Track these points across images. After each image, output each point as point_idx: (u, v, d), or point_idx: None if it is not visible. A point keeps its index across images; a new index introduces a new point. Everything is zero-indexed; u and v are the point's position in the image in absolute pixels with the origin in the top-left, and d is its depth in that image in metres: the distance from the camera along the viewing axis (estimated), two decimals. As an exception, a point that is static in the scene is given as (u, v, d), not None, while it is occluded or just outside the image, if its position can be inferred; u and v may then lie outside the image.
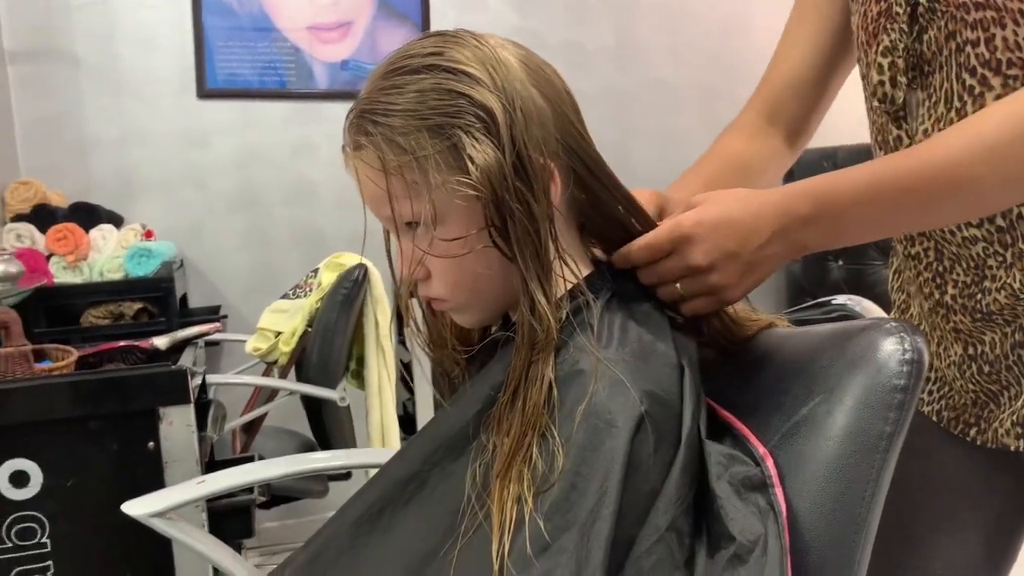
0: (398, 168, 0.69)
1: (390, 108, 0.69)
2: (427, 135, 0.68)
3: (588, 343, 0.69)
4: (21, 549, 1.37)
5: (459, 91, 0.68)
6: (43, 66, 2.59)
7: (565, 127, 0.72)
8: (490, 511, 0.65)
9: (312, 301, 2.11)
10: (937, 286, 0.91)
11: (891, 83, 0.88)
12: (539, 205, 0.68)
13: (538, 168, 0.69)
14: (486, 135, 0.67)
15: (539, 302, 0.68)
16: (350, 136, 0.72)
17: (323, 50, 2.84)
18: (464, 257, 0.70)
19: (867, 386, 0.66)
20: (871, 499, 0.65)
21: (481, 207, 0.68)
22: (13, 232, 2.33)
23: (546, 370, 0.68)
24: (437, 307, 0.77)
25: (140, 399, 1.39)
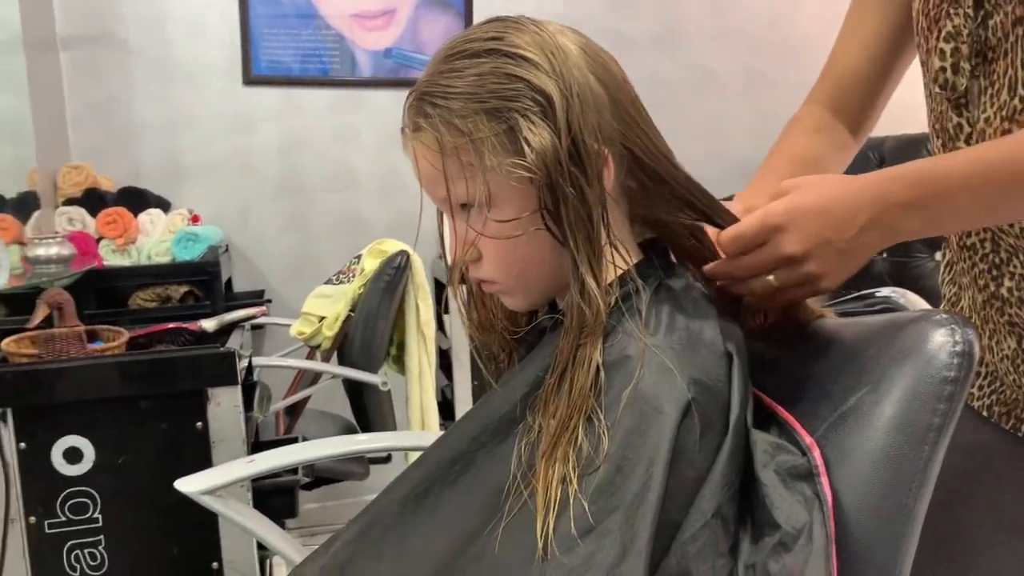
0: (455, 149, 0.70)
1: (449, 91, 0.70)
2: (484, 118, 0.69)
3: (636, 329, 0.70)
4: (74, 523, 1.41)
5: (518, 75, 0.69)
6: (94, 52, 2.64)
7: (621, 115, 0.72)
8: (535, 491, 0.66)
9: (355, 287, 2.13)
10: (993, 278, 0.89)
11: (953, 70, 0.86)
12: (592, 190, 0.69)
13: (592, 153, 0.69)
14: (543, 119, 0.68)
15: (589, 285, 0.69)
16: (409, 117, 0.73)
17: (366, 38, 2.86)
18: (516, 240, 0.71)
19: (916, 377, 0.65)
20: (918, 490, 0.64)
21: (535, 190, 0.69)
22: (65, 215, 2.38)
23: (594, 353, 0.68)
24: (487, 289, 0.78)
25: (189, 380, 1.43)
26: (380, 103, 2.86)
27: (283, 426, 2.14)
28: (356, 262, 2.22)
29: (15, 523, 1.37)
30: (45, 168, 2.40)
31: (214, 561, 1.45)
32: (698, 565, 0.65)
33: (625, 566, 0.61)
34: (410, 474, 0.77)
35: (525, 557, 0.64)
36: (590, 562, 0.62)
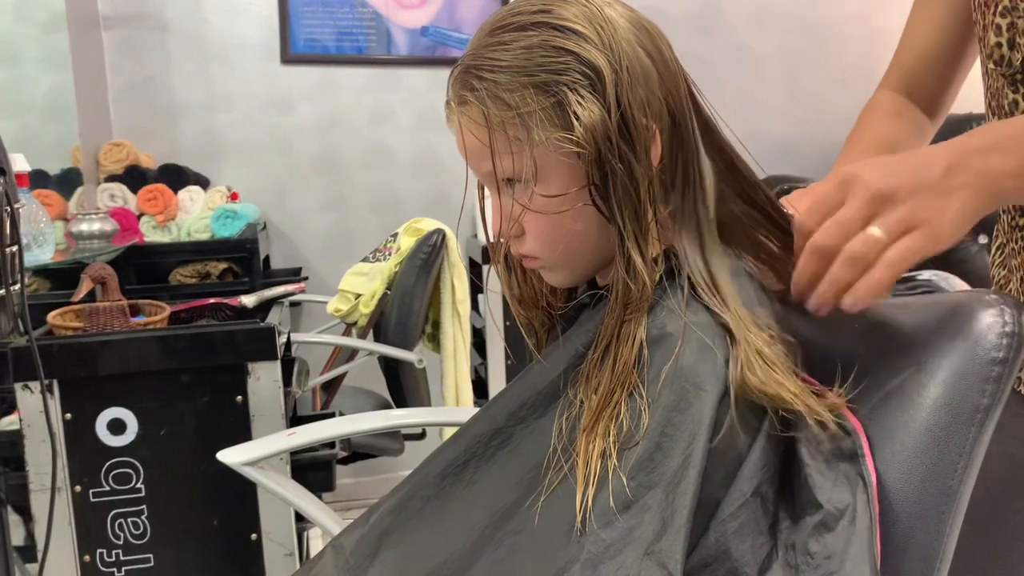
0: (501, 124, 0.69)
1: (496, 64, 0.69)
2: (532, 91, 0.68)
3: (678, 307, 0.69)
4: (117, 493, 1.44)
5: (566, 48, 0.68)
6: (135, 31, 2.67)
7: (670, 90, 0.71)
8: (575, 464, 0.66)
9: (391, 265, 2.15)
10: None
11: (1009, 45, 0.84)
12: (641, 165, 0.68)
13: (641, 128, 0.68)
14: (592, 92, 0.67)
15: (635, 262, 0.68)
16: (454, 91, 0.72)
17: (403, 16, 2.85)
18: (561, 215, 0.71)
19: (964, 358, 0.65)
20: (964, 472, 0.64)
21: (583, 165, 0.68)
22: (107, 192, 2.42)
23: (638, 329, 0.68)
24: (528, 265, 0.78)
25: (230, 354, 1.45)
26: (416, 82, 2.86)
27: (320, 402, 2.16)
28: (392, 240, 2.23)
29: (61, 492, 1.40)
30: (88, 145, 2.43)
31: (252, 532, 1.48)
32: (737, 543, 0.65)
33: (665, 542, 0.61)
34: (448, 448, 0.77)
35: (564, 531, 0.65)
36: (629, 537, 0.62)
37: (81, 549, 1.44)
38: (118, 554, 1.45)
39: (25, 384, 1.37)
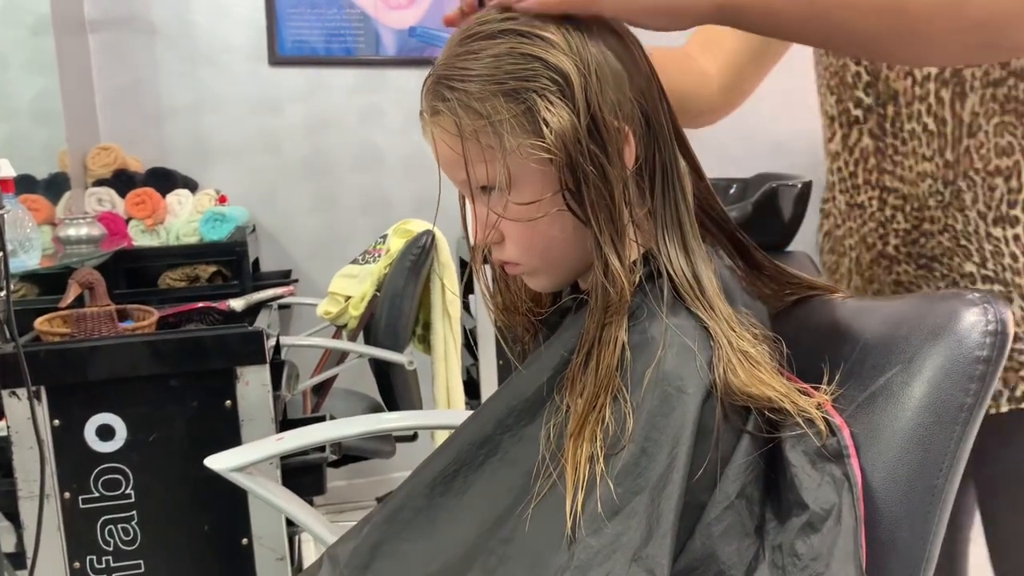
0: (474, 132, 0.69)
1: (466, 74, 0.69)
2: (502, 99, 0.68)
3: (659, 309, 0.69)
4: (107, 499, 1.43)
5: (534, 55, 0.68)
6: (121, 34, 2.66)
7: (642, 90, 0.71)
8: (563, 470, 0.66)
9: (381, 266, 2.14)
10: (880, 236, 0.91)
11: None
12: (613, 168, 0.68)
13: (612, 130, 0.68)
14: (561, 98, 0.67)
15: (613, 265, 0.68)
16: (427, 102, 0.73)
17: (391, 16, 2.85)
18: (538, 221, 0.71)
19: (948, 357, 0.65)
20: (949, 470, 0.64)
21: (555, 171, 0.68)
22: (95, 196, 2.41)
23: (619, 332, 0.68)
24: (510, 271, 0.78)
25: (218, 359, 1.44)
26: (405, 82, 2.86)
27: (310, 405, 2.16)
28: (382, 242, 2.22)
29: (50, 498, 1.40)
30: (75, 149, 2.42)
31: (244, 537, 1.47)
32: (723, 546, 0.65)
33: (651, 547, 0.62)
34: (438, 457, 0.77)
35: (554, 538, 0.65)
36: (616, 543, 0.62)
37: (71, 556, 1.43)
38: (108, 560, 1.44)
39: (12, 391, 1.36)
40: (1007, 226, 0.81)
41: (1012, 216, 0.81)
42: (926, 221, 0.87)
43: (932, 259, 0.87)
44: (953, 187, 0.84)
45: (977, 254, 0.83)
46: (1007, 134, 0.80)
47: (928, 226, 0.87)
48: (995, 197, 0.82)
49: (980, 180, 0.82)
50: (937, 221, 0.86)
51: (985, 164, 0.82)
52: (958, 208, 0.84)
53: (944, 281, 0.86)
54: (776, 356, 0.72)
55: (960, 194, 0.83)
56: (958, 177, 0.83)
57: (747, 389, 0.66)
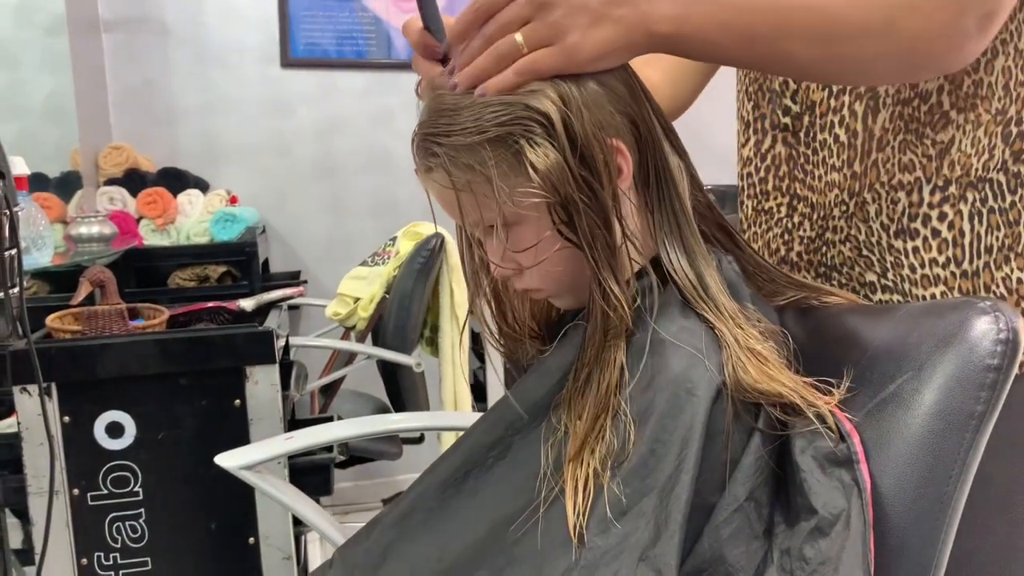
0: (467, 184, 0.70)
1: (450, 128, 0.69)
2: (488, 148, 0.68)
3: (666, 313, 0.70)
4: (116, 496, 1.44)
5: (510, 100, 0.68)
6: (135, 35, 2.68)
7: (625, 100, 0.72)
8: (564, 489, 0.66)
9: (390, 268, 2.15)
10: (784, 242, 0.92)
11: None
12: (604, 190, 0.69)
13: (598, 154, 0.69)
14: (545, 137, 0.67)
15: (611, 289, 0.69)
16: (419, 159, 0.73)
17: (403, 20, 2.84)
18: (547, 251, 0.71)
19: (959, 364, 0.65)
20: (959, 478, 0.64)
21: (547, 210, 0.69)
22: (106, 195, 2.42)
23: (619, 355, 0.69)
24: (535, 297, 0.79)
25: (228, 358, 1.45)
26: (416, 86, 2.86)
27: (318, 405, 2.17)
28: (391, 244, 2.23)
29: (59, 495, 1.40)
30: (87, 148, 2.44)
31: (250, 536, 1.48)
32: (731, 549, 0.65)
33: (659, 547, 0.62)
34: (448, 458, 0.77)
35: (562, 540, 0.65)
36: (624, 543, 0.63)
37: (79, 552, 1.44)
38: (115, 557, 1.45)
39: (23, 387, 1.37)
40: (907, 238, 0.82)
41: (912, 229, 0.82)
42: (829, 230, 0.88)
43: (832, 268, 0.88)
44: (859, 198, 0.84)
45: (878, 264, 0.84)
46: (909, 151, 0.81)
47: (831, 235, 0.88)
48: (897, 210, 0.82)
49: (884, 193, 0.83)
50: (840, 231, 0.87)
51: (890, 178, 0.82)
52: (862, 219, 0.85)
53: (843, 290, 0.87)
54: (784, 352, 0.72)
55: (864, 206, 0.84)
56: (864, 189, 0.84)
57: (758, 385, 0.66)
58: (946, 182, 0.80)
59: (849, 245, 0.86)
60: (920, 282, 0.82)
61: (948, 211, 0.80)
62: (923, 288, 0.82)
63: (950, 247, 0.81)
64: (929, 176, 0.81)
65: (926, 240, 0.82)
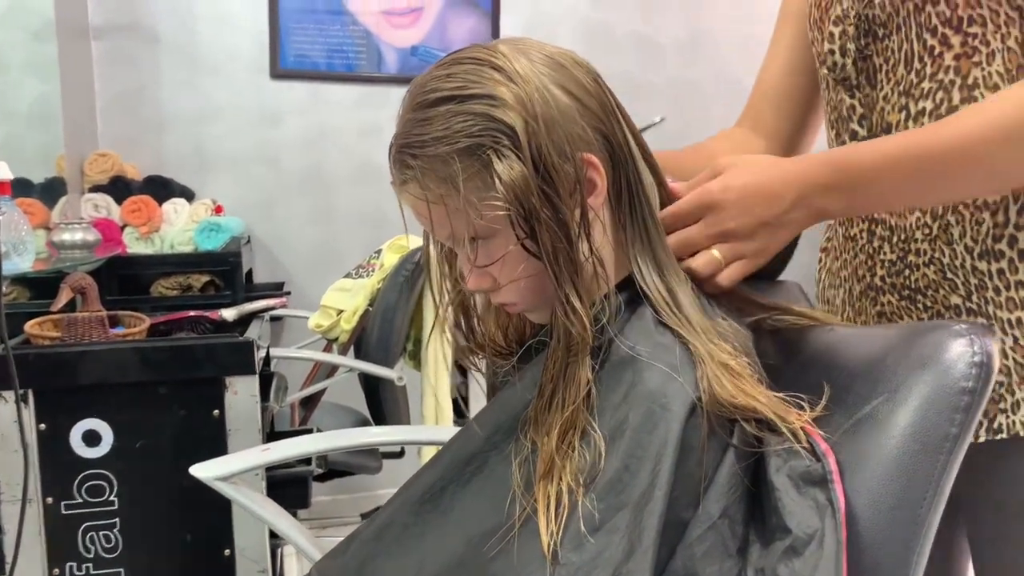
0: (440, 197, 0.71)
1: (422, 140, 0.70)
2: (458, 160, 0.69)
3: (646, 328, 0.71)
4: (90, 505, 1.42)
5: (478, 112, 0.69)
6: (124, 42, 2.68)
7: (597, 115, 0.73)
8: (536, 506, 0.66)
9: (374, 281, 2.15)
10: (868, 268, 0.93)
11: (841, 51, 0.90)
12: (566, 206, 0.69)
13: (562, 170, 0.69)
14: (512, 149, 0.68)
15: (573, 304, 0.69)
16: (395, 172, 0.74)
17: (394, 35, 2.87)
18: (522, 265, 0.72)
19: (933, 387, 0.65)
20: (932, 500, 0.64)
21: (512, 222, 0.69)
22: (91, 202, 2.41)
23: (584, 370, 0.69)
24: (511, 311, 0.79)
25: (208, 368, 1.44)
26: (405, 100, 2.87)
27: (298, 417, 2.15)
28: (376, 257, 2.23)
29: (32, 503, 1.39)
30: (73, 155, 2.43)
31: (226, 548, 1.46)
32: (705, 567, 0.65)
33: (632, 563, 0.62)
34: (425, 473, 0.77)
35: (539, 556, 0.65)
36: (598, 559, 0.63)
37: (51, 562, 1.42)
38: (88, 568, 1.43)
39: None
40: (992, 260, 0.83)
41: (997, 250, 0.82)
42: (911, 253, 0.88)
43: (916, 291, 0.88)
44: (942, 221, 0.85)
45: (963, 287, 0.84)
46: None
47: (914, 258, 0.88)
48: (982, 231, 0.83)
49: (968, 215, 0.83)
50: (923, 254, 0.87)
51: (974, 199, 0.82)
52: (945, 242, 0.85)
53: (928, 313, 0.87)
54: (757, 370, 0.73)
55: (948, 228, 0.84)
56: (947, 211, 0.84)
57: (734, 400, 0.66)
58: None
59: (933, 268, 0.86)
60: (1005, 304, 0.83)
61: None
62: (1008, 311, 0.82)
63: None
64: (1016, 195, 0.82)
65: (1012, 262, 0.82)
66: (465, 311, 0.84)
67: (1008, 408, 0.83)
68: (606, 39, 3.00)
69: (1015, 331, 0.82)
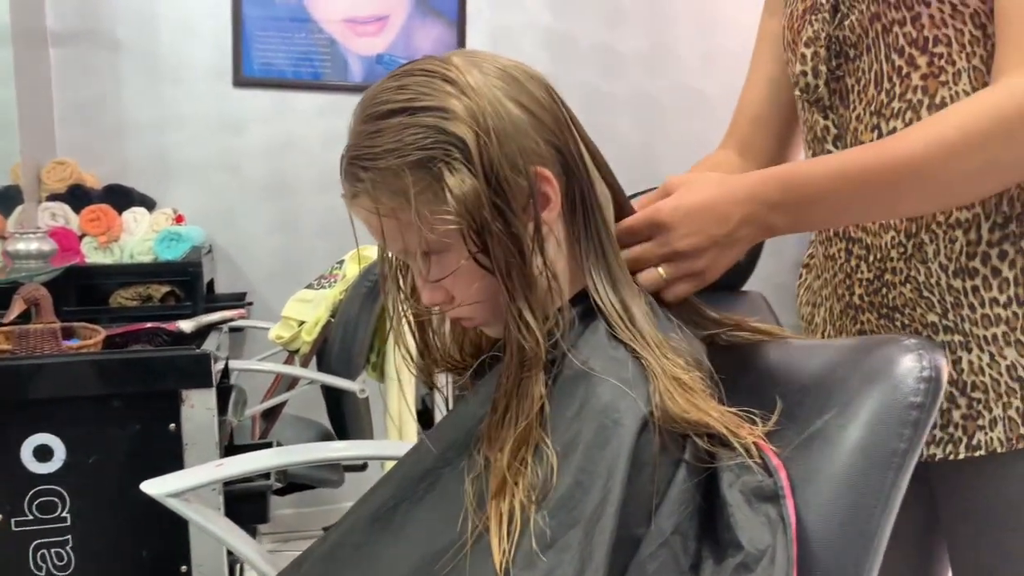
0: (391, 211, 0.70)
1: (373, 152, 0.70)
2: (409, 173, 0.68)
3: (600, 343, 0.70)
4: (42, 522, 1.39)
5: (429, 124, 0.69)
6: (84, 48, 2.64)
7: (551, 129, 0.73)
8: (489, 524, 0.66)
9: (336, 292, 2.13)
10: (847, 287, 0.93)
11: (813, 73, 0.90)
12: (519, 219, 0.69)
13: (515, 184, 0.69)
14: (464, 162, 0.68)
15: (526, 318, 0.69)
16: (346, 185, 0.74)
17: (359, 43, 2.86)
18: (476, 279, 0.72)
19: (883, 402, 0.66)
20: (881, 515, 0.65)
21: (463, 235, 0.69)
22: (48, 211, 2.37)
23: (537, 386, 0.69)
24: (466, 325, 0.79)
25: (163, 380, 1.41)
26: (370, 109, 2.85)
27: (259, 430, 2.13)
28: (339, 267, 2.21)
29: (-19, 520, 1.35)
30: (29, 163, 2.38)
31: (183, 565, 1.43)
32: (658, 584, 0.65)
33: None
34: (378, 491, 0.77)
35: (491, 574, 0.64)
36: None
37: (-1, 580, 1.38)
38: (39, 586, 1.40)
39: (-53, 408, 1.32)
40: (966, 278, 0.83)
41: (971, 268, 0.83)
42: (888, 272, 0.88)
43: (894, 309, 0.89)
44: (916, 239, 0.85)
45: (939, 305, 0.85)
46: None
47: (890, 276, 0.88)
48: (955, 249, 0.83)
49: (942, 233, 0.84)
50: (899, 272, 0.87)
51: (947, 216, 0.83)
52: (920, 260, 0.85)
53: (906, 331, 0.88)
54: (710, 384, 0.73)
55: (923, 246, 0.85)
56: (921, 230, 0.85)
57: (686, 415, 0.66)
58: (1006, 219, 0.82)
59: (910, 286, 0.87)
60: (980, 322, 0.83)
61: (1009, 249, 0.81)
62: (984, 328, 0.82)
63: (1011, 286, 0.81)
64: (988, 212, 0.82)
65: (986, 279, 0.82)
66: (420, 326, 0.83)
67: (986, 425, 0.83)
68: (569, 50, 3.01)
69: (991, 348, 0.83)
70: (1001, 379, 0.82)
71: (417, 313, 0.82)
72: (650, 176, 0.80)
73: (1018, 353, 0.81)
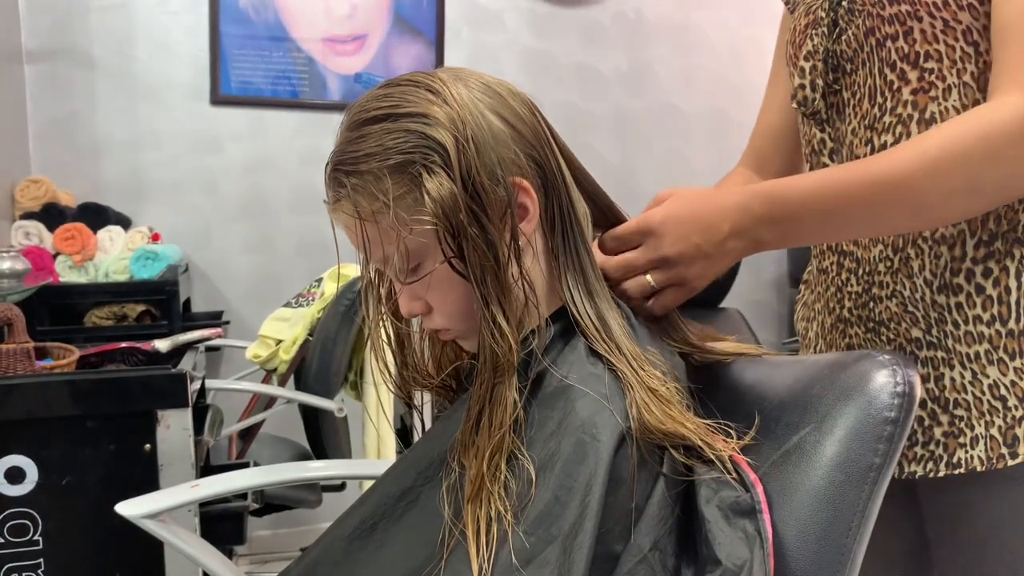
0: (372, 215, 0.71)
1: (356, 157, 0.71)
2: (390, 176, 0.70)
3: (578, 359, 0.71)
4: (13, 546, 1.37)
5: (411, 129, 0.70)
6: (59, 66, 2.62)
7: (530, 142, 0.74)
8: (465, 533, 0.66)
9: (314, 310, 2.12)
10: (838, 300, 0.94)
11: (811, 86, 0.91)
12: (495, 227, 0.70)
13: (492, 192, 0.70)
14: (442, 167, 0.69)
15: (500, 324, 0.69)
16: (329, 192, 0.75)
17: (337, 62, 2.86)
18: (457, 288, 0.72)
19: (858, 417, 0.66)
20: (857, 530, 0.65)
21: (440, 240, 0.70)
22: (21, 230, 2.34)
23: (510, 392, 0.69)
24: (443, 337, 0.79)
25: (138, 401, 1.40)
26: (348, 128, 2.85)
27: (235, 450, 2.11)
28: (316, 285, 2.20)
29: (-49, 544, 1.33)
30: (3, 181, 2.36)
31: (158, 587, 1.42)
32: (636, 601, 0.65)
33: None
34: (357, 510, 0.76)
35: None
36: None
37: (-30, 605, 1.36)
38: (9, 611, 1.37)
39: (-83, 430, 1.30)
40: (951, 294, 0.83)
41: (955, 284, 0.83)
42: (875, 286, 0.89)
43: (880, 323, 0.89)
44: (902, 253, 0.86)
45: (923, 320, 0.85)
46: None
47: (877, 291, 0.89)
48: (940, 265, 0.84)
49: (927, 248, 0.84)
50: (886, 286, 0.88)
51: (933, 232, 0.84)
52: (906, 275, 0.86)
53: (891, 345, 0.89)
54: (687, 398, 0.73)
55: (908, 261, 0.86)
56: (907, 244, 0.85)
57: (662, 426, 0.67)
58: (991, 236, 0.82)
59: (896, 301, 0.87)
60: (964, 339, 0.83)
61: (993, 267, 0.82)
62: (967, 345, 0.83)
63: (995, 304, 0.81)
64: (974, 230, 0.82)
65: (970, 296, 0.82)
66: (399, 340, 0.83)
67: (967, 443, 0.83)
68: (549, 69, 3.03)
69: (973, 365, 0.83)
70: (983, 398, 0.82)
71: (397, 328, 0.82)
72: (629, 193, 0.81)
73: (1000, 372, 0.82)
